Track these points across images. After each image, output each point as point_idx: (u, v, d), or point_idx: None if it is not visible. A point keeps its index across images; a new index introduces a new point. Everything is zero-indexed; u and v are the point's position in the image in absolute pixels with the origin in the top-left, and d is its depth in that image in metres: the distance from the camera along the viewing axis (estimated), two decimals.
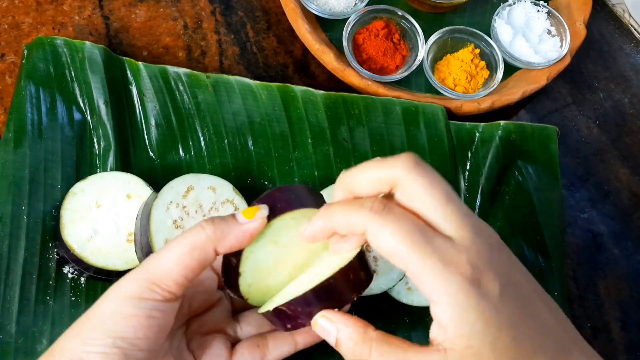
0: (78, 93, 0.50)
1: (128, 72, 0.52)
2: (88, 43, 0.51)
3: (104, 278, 0.45)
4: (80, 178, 0.47)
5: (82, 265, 0.44)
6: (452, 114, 0.56)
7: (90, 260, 0.44)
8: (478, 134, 0.55)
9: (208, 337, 0.39)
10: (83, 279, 0.46)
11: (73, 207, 0.45)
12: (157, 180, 0.49)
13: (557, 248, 0.53)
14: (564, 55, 0.60)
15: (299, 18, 0.56)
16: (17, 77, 0.51)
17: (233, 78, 0.53)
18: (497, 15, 0.61)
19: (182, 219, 0.44)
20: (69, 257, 0.44)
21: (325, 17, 0.59)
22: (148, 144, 0.51)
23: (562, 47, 0.61)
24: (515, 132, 0.55)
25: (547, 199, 0.54)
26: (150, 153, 0.51)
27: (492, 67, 0.59)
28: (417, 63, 0.57)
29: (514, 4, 0.63)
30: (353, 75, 0.55)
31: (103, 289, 0.42)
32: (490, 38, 0.60)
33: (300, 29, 0.56)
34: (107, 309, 0.33)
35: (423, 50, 0.58)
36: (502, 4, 0.62)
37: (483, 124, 0.55)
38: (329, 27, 0.60)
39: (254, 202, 0.36)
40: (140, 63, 0.52)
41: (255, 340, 0.40)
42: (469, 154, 0.55)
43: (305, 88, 0.53)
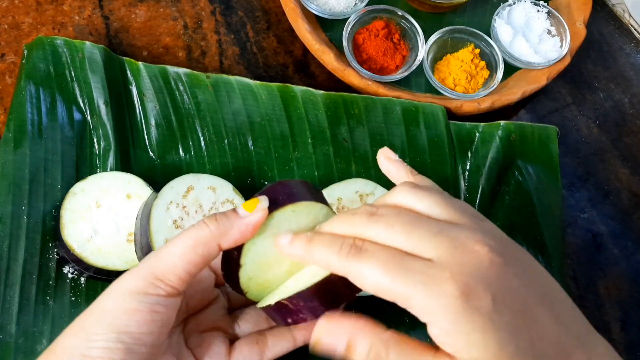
0: (78, 93, 0.50)
1: (128, 72, 0.52)
2: (88, 43, 0.51)
3: (104, 278, 0.45)
4: (80, 178, 0.47)
5: (82, 265, 0.44)
6: (452, 114, 0.56)
7: (90, 260, 0.44)
8: (478, 134, 0.55)
9: (206, 334, 0.39)
10: (83, 279, 0.46)
11: (73, 207, 0.45)
12: (157, 180, 0.49)
13: (557, 248, 0.53)
14: (564, 55, 0.60)
15: (299, 18, 0.56)
16: (17, 77, 0.51)
17: (233, 78, 0.53)
18: (497, 15, 0.61)
19: (182, 219, 0.44)
20: (69, 257, 0.44)
21: (325, 17, 0.59)
22: (148, 144, 0.51)
23: (562, 47, 0.61)
24: (515, 132, 0.55)
25: (547, 199, 0.54)
26: (150, 153, 0.51)
27: (492, 67, 0.59)
28: (417, 63, 0.57)
29: (514, 4, 0.63)
30: (353, 75, 0.55)
31: (103, 289, 0.42)
32: (490, 38, 0.60)
33: (300, 29, 0.56)
34: (109, 305, 0.33)
35: (423, 50, 0.58)
36: (502, 4, 0.62)
37: (483, 124, 0.55)
38: (329, 27, 0.60)
39: (255, 194, 0.36)
40: (140, 63, 0.52)
41: (254, 337, 0.40)
42: (469, 154, 0.55)
43: (305, 88, 0.53)
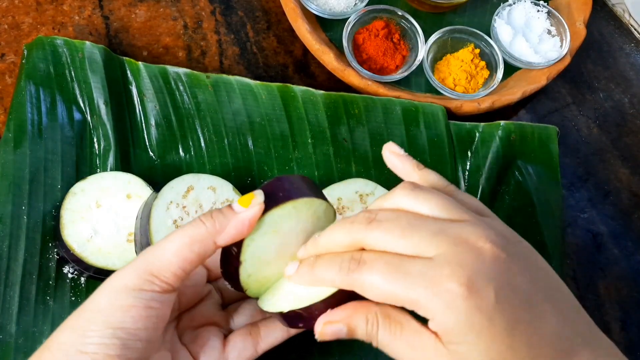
0: (78, 93, 0.50)
1: (128, 72, 0.52)
2: (88, 43, 0.51)
3: (104, 278, 0.45)
4: (80, 178, 0.47)
5: (82, 265, 0.44)
6: (452, 114, 0.56)
7: (90, 260, 0.44)
8: (478, 134, 0.55)
9: (200, 330, 0.39)
10: (83, 279, 0.46)
11: (73, 207, 0.45)
12: (157, 180, 0.49)
13: (557, 248, 0.53)
14: (564, 55, 0.60)
15: (299, 18, 0.56)
16: (17, 77, 0.51)
17: (233, 78, 0.53)
18: (497, 15, 0.61)
19: (182, 219, 0.44)
20: (69, 257, 0.44)
21: (325, 17, 0.59)
22: (148, 144, 0.51)
23: (562, 47, 0.61)
24: (515, 132, 0.55)
25: (547, 199, 0.54)
26: (150, 153, 0.51)
27: (492, 67, 0.59)
28: (417, 63, 0.57)
29: (514, 4, 0.63)
30: (353, 75, 0.55)
31: None
32: (490, 38, 0.60)
33: (300, 29, 0.56)
34: (105, 301, 0.33)
35: (423, 50, 0.58)
36: (502, 4, 0.62)
37: (483, 124, 0.55)
38: (329, 27, 0.60)
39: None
40: (140, 63, 0.52)
41: (247, 329, 0.40)
42: (469, 154, 0.55)
43: (305, 88, 0.53)
